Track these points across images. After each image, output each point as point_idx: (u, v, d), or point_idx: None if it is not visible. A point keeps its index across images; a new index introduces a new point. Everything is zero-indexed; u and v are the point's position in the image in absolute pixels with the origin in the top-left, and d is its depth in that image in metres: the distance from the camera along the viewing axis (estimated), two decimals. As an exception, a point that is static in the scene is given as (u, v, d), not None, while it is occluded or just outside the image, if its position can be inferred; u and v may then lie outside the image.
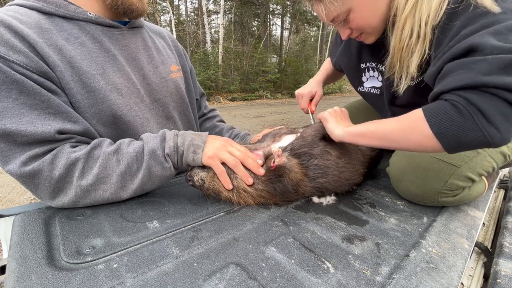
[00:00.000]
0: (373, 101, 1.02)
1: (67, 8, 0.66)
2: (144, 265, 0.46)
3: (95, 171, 0.61)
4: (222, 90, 11.51)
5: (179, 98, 0.92)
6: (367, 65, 0.94)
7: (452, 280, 0.47)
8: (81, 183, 0.60)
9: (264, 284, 0.43)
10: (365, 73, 0.97)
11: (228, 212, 0.66)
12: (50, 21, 0.65)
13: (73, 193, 0.60)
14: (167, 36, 0.98)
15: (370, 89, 0.97)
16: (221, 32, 12.25)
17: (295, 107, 9.72)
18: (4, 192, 2.68)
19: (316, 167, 0.70)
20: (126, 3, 0.72)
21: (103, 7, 0.72)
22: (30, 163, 0.57)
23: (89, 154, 0.61)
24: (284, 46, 18.04)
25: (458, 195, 0.69)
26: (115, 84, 0.70)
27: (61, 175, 0.58)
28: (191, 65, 1.07)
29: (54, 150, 0.59)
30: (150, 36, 0.88)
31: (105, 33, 0.72)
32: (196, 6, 16.20)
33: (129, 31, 0.79)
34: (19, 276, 0.42)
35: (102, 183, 0.62)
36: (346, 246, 0.54)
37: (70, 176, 0.60)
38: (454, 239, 0.59)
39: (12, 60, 0.55)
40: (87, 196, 0.62)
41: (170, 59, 0.92)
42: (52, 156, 0.58)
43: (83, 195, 0.61)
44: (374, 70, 0.92)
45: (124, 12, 0.74)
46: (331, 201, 0.72)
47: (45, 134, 0.57)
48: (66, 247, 0.50)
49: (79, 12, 0.68)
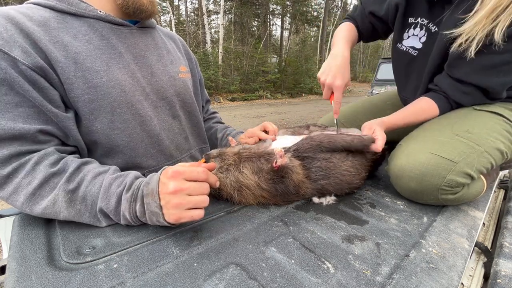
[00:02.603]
0: (404, 63, 0.95)
1: (78, 6, 0.69)
2: (144, 265, 0.46)
3: (43, 205, 0.55)
4: (222, 90, 11.51)
5: (187, 98, 0.92)
6: (417, 20, 0.87)
7: (452, 280, 0.47)
8: (29, 209, 0.55)
9: (264, 284, 0.43)
10: (409, 29, 0.89)
11: (228, 212, 0.66)
12: (60, 19, 0.67)
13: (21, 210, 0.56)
14: (178, 41, 1.01)
15: (408, 49, 0.91)
16: (221, 32, 12.25)
17: (295, 107, 9.73)
18: (4, 192, 2.67)
19: (318, 169, 0.69)
20: (137, 3, 0.74)
21: (114, 7, 0.74)
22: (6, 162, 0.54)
23: (46, 180, 0.56)
24: (284, 46, 18.05)
25: (458, 193, 0.69)
26: (119, 81, 0.71)
27: (6, 196, 0.55)
28: (200, 74, 1.08)
29: (16, 163, 0.55)
30: (161, 38, 0.89)
31: (114, 31, 0.74)
32: (196, 6, 16.22)
33: (139, 30, 0.80)
34: (19, 276, 0.42)
35: (49, 215, 0.56)
36: (346, 246, 0.54)
37: (14, 199, 0.55)
38: (454, 239, 0.59)
39: (12, 56, 0.56)
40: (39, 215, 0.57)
41: (179, 60, 0.93)
42: (10, 170, 0.54)
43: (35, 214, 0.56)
44: (422, 28, 0.86)
45: (134, 12, 0.75)
46: (331, 201, 0.73)
47: (25, 131, 0.56)
48: (66, 247, 0.50)
49: (89, 10, 0.70)
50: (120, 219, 0.56)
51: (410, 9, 0.88)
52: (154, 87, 0.80)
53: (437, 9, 0.80)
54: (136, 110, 0.75)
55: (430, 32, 0.84)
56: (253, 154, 0.71)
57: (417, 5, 0.86)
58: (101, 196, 0.56)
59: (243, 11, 15.35)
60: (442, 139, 0.73)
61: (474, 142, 0.71)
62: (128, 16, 0.78)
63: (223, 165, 0.69)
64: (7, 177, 0.54)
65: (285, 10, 16.95)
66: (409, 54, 0.91)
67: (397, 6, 0.91)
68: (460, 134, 0.73)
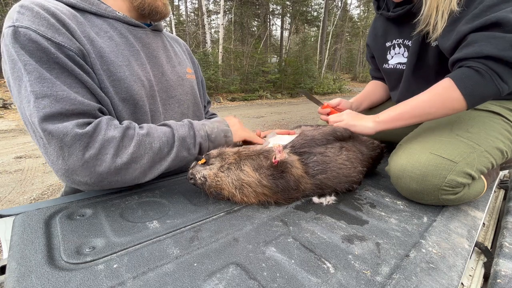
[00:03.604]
0: (396, 78, 1.07)
1: (99, 7, 0.73)
2: (144, 265, 0.46)
3: (130, 151, 0.63)
4: (222, 90, 11.51)
5: (193, 98, 0.97)
6: (393, 42, 1.02)
7: (452, 280, 0.47)
8: (116, 160, 0.61)
9: (264, 284, 0.43)
10: (390, 51, 1.05)
11: (228, 212, 0.66)
12: (83, 16, 0.70)
13: (105, 170, 0.60)
14: (182, 44, 1.07)
15: (396, 65, 1.04)
16: (221, 32, 12.25)
17: (295, 107, 9.74)
18: (4, 192, 2.68)
19: (315, 163, 0.71)
20: (153, 5, 0.79)
21: (130, 8, 0.80)
22: (75, 129, 0.58)
23: (124, 133, 0.64)
24: (284, 46, 18.05)
25: (458, 193, 0.69)
26: (139, 76, 0.75)
27: (95, 153, 0.59)
28: (202, 77, 1.13)
29: (93, 124, 0.61)
30: (168, 41, 0.96)
31: (130, 31, 0.78)
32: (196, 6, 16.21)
33: (151, 32, 0.85)
34: (19, 276, 0.42)
35: (134, 163, 0.64)
36: (346, 246, 0.54)
37: (103, 154, 0.60)
38: (454, 239, 0.59)
39: (57, 42, 0.60)
40: (117, 175, 0.63)
41: (185, 62, 0.99)
42: (92, 129, 0.60)
43: (114, 172, 0.62)
44: (400, 47, 1.00)
45: (150, 13, 0.81)
46: (331, 201, 0.73)
47: (91, 106, 0.62)
48: (66, 247, 0.50)
49: (109, 10, 0.74)
50: (195, 141, 0.73)
51: (384, 36, 1.05)
52: (164, 85, 0.85)
53: (406, 27, 0.93)
54: (149, 105, 0.79)
55: (408, 46, 0.96)
56: (252, 152, 0.71)
57: (389, 30, 1.02)
58: (176, 128, 0.71)
59: (243, 11, 15.35)
60: (442, 139, 0.73)
61: (474, 142, 0.71)
62: (142, 17, 0.83)
63: (223, 164, 0.69)
64: (91, 137, 0.59)
65: (285, 10, 16.94)
66: (398, 69, 1.04)
67: (373, 56, 1.17)
68: (460, 134, 0.73)
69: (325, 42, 16.56)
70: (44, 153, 0.61)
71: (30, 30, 0.57)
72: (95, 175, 0.61)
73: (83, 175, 0.60)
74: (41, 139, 0.59)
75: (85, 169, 0.60)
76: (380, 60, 1.12)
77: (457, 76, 0.68)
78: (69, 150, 0.58)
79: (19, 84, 0.58)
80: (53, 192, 2.74)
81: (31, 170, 3.27)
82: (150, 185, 0.79)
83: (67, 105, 0.58)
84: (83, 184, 0.63)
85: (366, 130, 0.81)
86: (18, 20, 0.58)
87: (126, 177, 0.64)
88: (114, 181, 0.64)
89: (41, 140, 0.59)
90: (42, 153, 0.61)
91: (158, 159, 0.68)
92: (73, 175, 0.60)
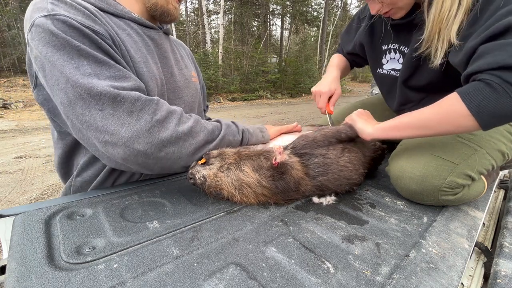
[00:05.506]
0: (389, 84, 1.02)
1: (116, 7, 0.76)
2: (144, 265, 0.46)
3: (190, 124, 0.67)
4: (222, 90, 11.50)
5: (197, 100, 1.00)
6: (389, 46, 0.96)
7: (452, 280, 0.47)
8: (178, 129, 0.65)
9: (264, 284, 0.43)
10: (385, 55, 0.99)
11: (228, 212, 0.66)
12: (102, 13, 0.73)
13: (167, 137, 0.63)
14: (187, 49, 1.11)
15: (389, 71, 0.99)
16: (221, 32, 12.24)
17: (295, 107, 9.73)
18: (4, 192, 2.68)
19: (316, 165, 0.71)
20: (164, 8, 0.82)
21: (142, 10, 0.82)
22: (143, 96, 0.62)
23: (182, 112, 0.68)
24: (284, 46, 18.05)
25: (458, 194, 0.69)
26: (154, 73, 0.77)
27: (162, 119, 0.63)
28: (203, 82, 1.16)
29: (155, 97, 0.65)
30: (175, 44, 0.99)
31: (144, 32, 0.81)
32: (196, 6, 16.21)
33: (162, 35, 0.88)
34: (19, 276, 0.42)
35: (191, 137, 0.67)
36: (346, 246, 0.54)
37: (167, 122, 0.64)
38: (454, 239, 0.59)
39: (95, 30, 0.62)
40: (176, 144, 0.65)
41: (190, 66, 1.02)
42: (157, 99, 0.64)
43: (174, 141, 0.64)
44: (396, 52, 0.94)
45: (161, 15, 0.83)
46: (331, 201, 0.73)
47: (143, 86, 0.67)
48: (66, 247, 0.50)
49: (125, 11, 0.77)
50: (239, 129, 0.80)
51: (382, 38, 0.98)
52: (172, 86, 0.87)
53: (403, 33, 0.89)
54: None
55: (404, 53, 0.91)
56: (252, 153, 0.71)
57: (388, 33, 0.95)
58: (219, 119, 0.80)
59: (243, 11, 15.34)
60: (443, 141, 0.73)
61: (475, 144, 0.71)
62: (153, 19, 0.86)
63: (223, 164, 0.69)
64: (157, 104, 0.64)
65: (285, 10, 16.94)
66: (391, 75, 0.99)
67: (362, 44, 1.06)
68: (462, 136, 0.73)
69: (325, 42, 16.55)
70: (102, 125, 0.59)
71: (69, 18, 0.59)
72: (157, 141, 0.62)
73: (145, 143, 0.61)
74: (99, 111, 0.58)
75: (150, 134, 0.61)
76: (374, 64, 1.06)
77: (464, 90, 0.59)
78: (138, 115, 0.60)
79: (69, 65, 0.58)
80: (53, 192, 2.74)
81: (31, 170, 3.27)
82: (150, 185, 0.80)
83: (126, 82, 0.62)
84: (140, 155, 0.62)
85: (363, 135, 0.78)
86: (53, 10, 0.59)
87: (182, 151, 0.66)
88: (170, 153, 0.65)
89: (99, 113, 0.59)
90: (95, 127, 0.60)
91: (211, 139, 0.72)
92: (134, 143, 0.60)
